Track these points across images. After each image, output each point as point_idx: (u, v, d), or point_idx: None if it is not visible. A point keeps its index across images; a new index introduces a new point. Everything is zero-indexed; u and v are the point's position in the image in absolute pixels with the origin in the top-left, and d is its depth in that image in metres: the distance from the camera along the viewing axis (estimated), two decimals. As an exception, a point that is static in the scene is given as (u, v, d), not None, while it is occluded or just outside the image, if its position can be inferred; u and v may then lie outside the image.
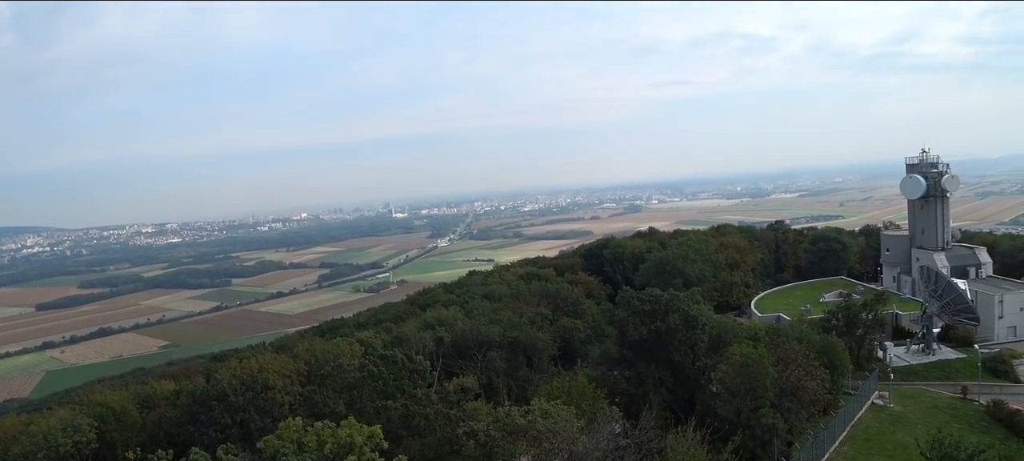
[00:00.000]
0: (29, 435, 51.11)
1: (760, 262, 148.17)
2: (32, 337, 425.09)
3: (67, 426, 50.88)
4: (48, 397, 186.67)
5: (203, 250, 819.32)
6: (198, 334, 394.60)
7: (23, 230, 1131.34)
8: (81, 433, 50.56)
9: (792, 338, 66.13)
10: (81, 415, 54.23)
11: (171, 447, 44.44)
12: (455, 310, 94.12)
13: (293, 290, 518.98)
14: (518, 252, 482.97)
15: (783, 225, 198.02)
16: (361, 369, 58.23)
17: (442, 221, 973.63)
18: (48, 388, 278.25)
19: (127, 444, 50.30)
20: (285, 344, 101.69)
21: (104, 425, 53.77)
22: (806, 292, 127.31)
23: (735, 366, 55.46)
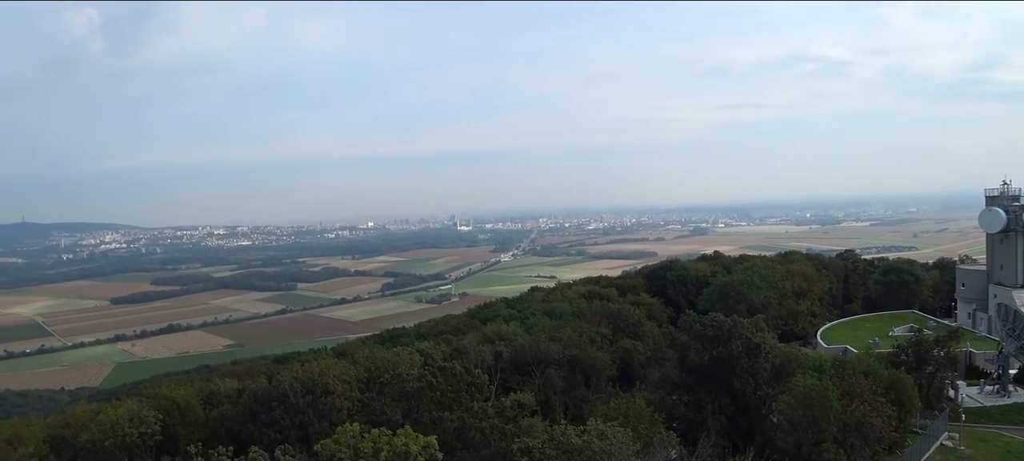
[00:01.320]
0: (98, 423, 52.72)
1: (828, 292, 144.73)
2: (105, 329, 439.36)
3: (134, 417, 52.31)
4: (117, 388, 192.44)
5: (271, 254, 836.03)
6: (263, 335, 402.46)
7: (102, 226, 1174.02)
8: (147, 425, 51.94)
9: (858, 372, 64.31)
10: (147, 407, 55.65)
11: (231, 444, 45.37)
12: (515, 325, 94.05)
13: (357, 297, 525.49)
14: (581, 270, 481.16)
15: (853, 254, 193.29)
16: (420, 379, 58.56)
17: (506, 236, 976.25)
18: (118, 379, 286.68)
19: (189, 438, 51.42)
20: (346, 350, 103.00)
21: (169, 418, 55.14)
22: (875, 325, 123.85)
23: (798, 397, 54.19)
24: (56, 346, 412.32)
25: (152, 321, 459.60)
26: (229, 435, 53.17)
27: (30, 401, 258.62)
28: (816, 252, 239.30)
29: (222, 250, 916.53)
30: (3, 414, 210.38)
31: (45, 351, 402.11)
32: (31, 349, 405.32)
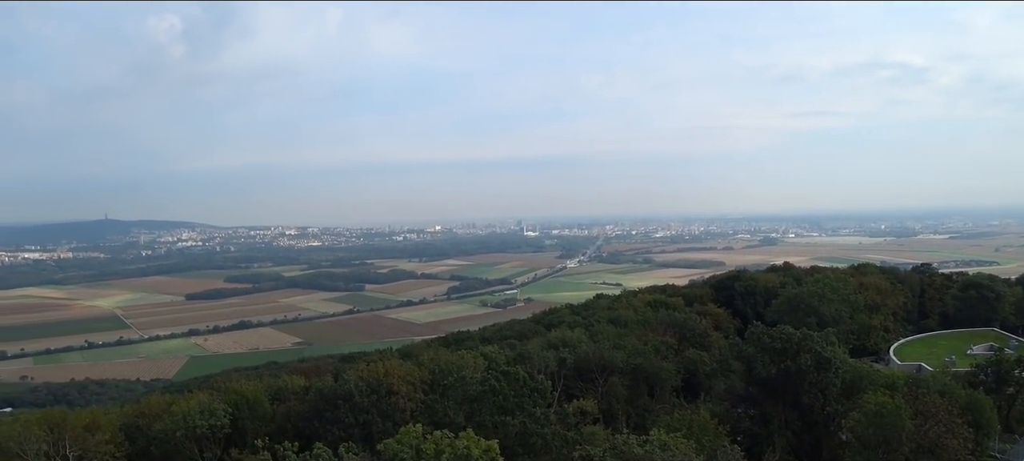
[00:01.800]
0: (171, 414, 54.29)
1: (902, 306, 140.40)
2: (180, 324, 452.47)
3: (205, 409, 53.69)
4: (190, 381, 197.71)
5: (341, 255, 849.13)
6: (330, 334, 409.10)
7: (180, 225, 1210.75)
8: (216, 417, 53.26)
9: (933, 390, 62.16)
10: (218, 400, 57.02)
11: (297, 440, 46.28)
12: (580, 332, 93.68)
13: (423, 300, 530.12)
14: (647, 278, 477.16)
15: (930, 268, 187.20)
16: (483, 383, 58.76)
17: (572, 242, 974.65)
18: (190, 372, 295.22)
19: (257, 432, 52.56)
20: (411, 351, 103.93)
21: (238, 412, 56.41)
22: (952, 342, 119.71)
23: (869, 415, 52.73)
24: (133, 338, 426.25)
25: (224, 317, 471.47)
26: (295, 431, 54.14)
27: (108, 390, 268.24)
28: (890, 265, 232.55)
29: (293, 250, 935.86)
30: (82, 401, 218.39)
31: (123, 343, 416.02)
32: (111, 340, 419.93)
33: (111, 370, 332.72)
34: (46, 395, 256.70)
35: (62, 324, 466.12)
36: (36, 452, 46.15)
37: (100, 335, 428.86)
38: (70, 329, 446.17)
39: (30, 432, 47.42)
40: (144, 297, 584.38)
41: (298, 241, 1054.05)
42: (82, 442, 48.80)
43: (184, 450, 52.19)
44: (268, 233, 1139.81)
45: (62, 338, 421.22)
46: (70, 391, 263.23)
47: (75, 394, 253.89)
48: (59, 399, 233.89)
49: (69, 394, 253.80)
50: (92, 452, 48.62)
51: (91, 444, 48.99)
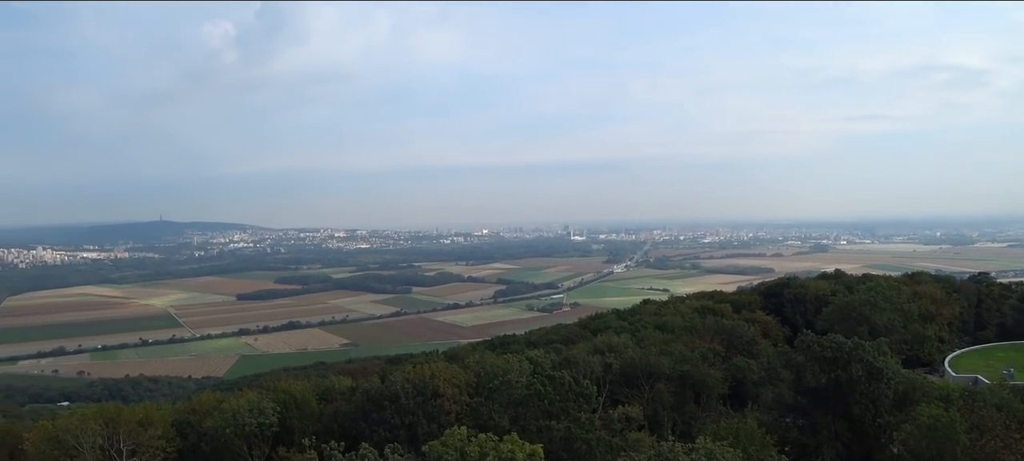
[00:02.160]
0: (221, 411, 55.21)
1: (958, 316, 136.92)
2: (231, 323, 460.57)
3: (254, 408, 54.49)
4: (239, 379, 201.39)
5: (388, 257, 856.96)
6: (377, 336, 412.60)
7: (231, 226, 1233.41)
8: (265, 416, 54.03)
9: (990, 404, 60.35)
10: (266, 399, 57.84)
11: (343, 439, 46.66)
12: (626, 337, 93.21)
13: (469, 303, 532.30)
14: (694, 284, 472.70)
15: (987, 277, 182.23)
16: (528, 387, 58.72)
17: (619, 247, 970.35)
18: (240, 371, 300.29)
19: (304, 431, 53.16)
20: (457, 354, 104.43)
21: (286, 411, 57.14)
22: (1010, 354, 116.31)
23: (922, 428, 51.38)
24: (186, 337, 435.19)
25: (274, 317, 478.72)
26: (341, 431, 54.61)
27: (161, 386, 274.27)
28: (946, 274, 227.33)
29: (342, 252, 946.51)
30: (136, 397, 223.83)
31: (176, 341, 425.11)
32: (164, 338, 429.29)
33: (164, 367, 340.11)
34: (102, 390, 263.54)
35: (118, 322, 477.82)
36: (91, 445, 47.37)
37: (154, 333, 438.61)
38: (125, 327, 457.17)
39: (86, 426, 48.67)
40: (196, 297, 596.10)
41: (347, 243, 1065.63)
42: (135, 437, 49.94)
43: (233, 447, 53.04)
44: (317, 235, 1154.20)
45: (118, 335, 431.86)
46: (125, 387, 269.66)
47: (129, 390, 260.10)
48: (114, 394, 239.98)
49: (124, 390, 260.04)
50: (145, 447, 49.73)
51: (144, 439, 50.10)
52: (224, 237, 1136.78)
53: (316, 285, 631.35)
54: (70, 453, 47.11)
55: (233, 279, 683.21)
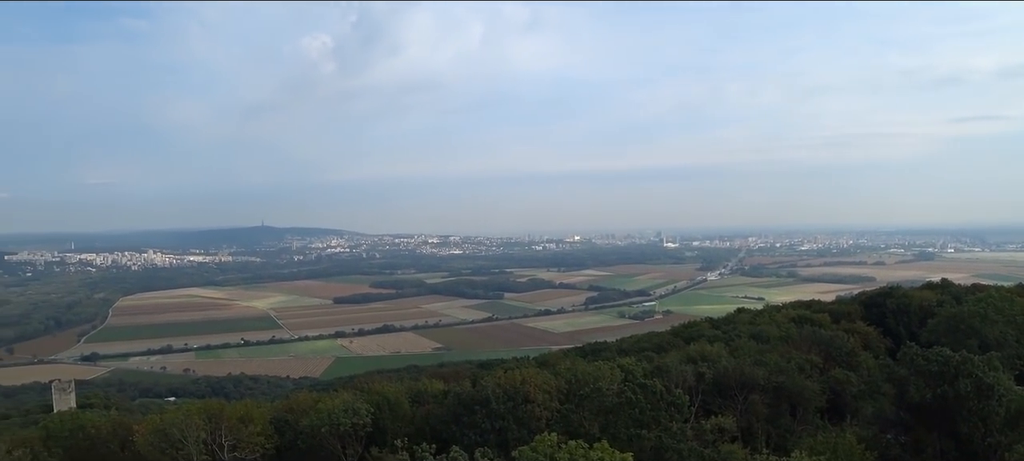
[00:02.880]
0: (317, 411, 56.66)
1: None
2: (328, 326, 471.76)
3: (348, 408, 55.68)
4: (335, 380, 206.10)
5: (481, 263, 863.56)
6: (469, 341, 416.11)
7: (329, 232, 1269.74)
8: (359, 416, 55.15)
9: (1113, 425, 57.05)
10: (361, 400, 59.00)
11: (434, 442, 47.33)
12: (719, 347, 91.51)
13: (561, 309, 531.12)
14: (791, 293, 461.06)
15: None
16: (619, 395, 58.30)
17: (713, 254, 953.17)
18: (336, 372, 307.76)
19: (396, 433, 54.04)
20: (548, 360, 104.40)
21: (379, 412, 58.18)
22: None
23: (1036, 448, 48.96)
24: (284, 338, 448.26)
25: (369, 321, 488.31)
26: (433, 433, 55.27)
27: (260, 385, 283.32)
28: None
29: (435, 258, 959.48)
30: (237, 395, 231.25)
31: (275, 342, 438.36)
32: (264, 339, 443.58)
33: (264, 367, 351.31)
34: (205, 387, 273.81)
35: (222, 323, 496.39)
36: (195, 439, 49.38)
37: (255, 334, 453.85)
38: (229, 327, 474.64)
39: (191, 421, 50.75)
40: (295, 299, 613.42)
41: (440, 249, 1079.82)
42: (236, 432, 51.78)
43: (328, 445, 54.34)
44: (411, 241, 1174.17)
45: (221, 335, 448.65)
46: (226, 385, 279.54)
47: (231, 387, 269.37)
48: (217, 391, 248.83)
49: (225, 387, 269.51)
50: (245, 442, 51.49)
51: (244, 435, 51.89)
52: (322, 242, 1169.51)
53: (410, 290, 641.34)
54: (176, 446, 49.20)
55: (330, 283, 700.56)
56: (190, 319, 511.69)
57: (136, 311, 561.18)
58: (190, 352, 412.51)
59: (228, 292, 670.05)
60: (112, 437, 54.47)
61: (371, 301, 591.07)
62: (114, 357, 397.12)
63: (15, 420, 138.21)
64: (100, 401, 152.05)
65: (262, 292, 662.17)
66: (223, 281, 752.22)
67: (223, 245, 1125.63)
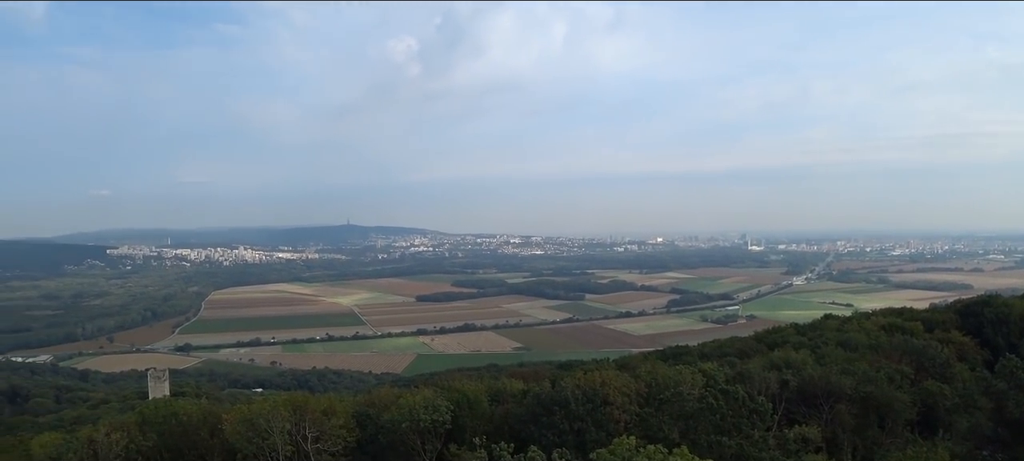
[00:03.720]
0: (398, 406, 57.46)
1: None
2: (410, 323, 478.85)
3: (428, 405, 56.30)
4: (416, 376, 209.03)
5: (562, 264, 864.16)
6: (549, 341, 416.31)
7: (413, 231, 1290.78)
8: (439, 412, 55.72)
9: None
10: (441, 397, 59.53)
11: (512, 441, 47.41)
12: (805, 354, 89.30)
13: (642, 311, 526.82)
14: (881, 299, 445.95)
15: None
16: (700, 400, 57.48)
17: (799, 258, 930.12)
18: (417, 369, 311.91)
19: (475, 430, 54.40)
20: (628, 363, 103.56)
21: (458, 410, 58.63)
22: None
23: None
24: (368, 334, 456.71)
25: (450, 319, 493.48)
26: (511, 433, 55.40)
27: (343, 379, 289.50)
28: None
29: (516, 258, 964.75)
30: (321, 388, 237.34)
31: (359, 338, 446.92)
32: (347, 335, 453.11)
33: (347, 361, 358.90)
34: (291, 380, 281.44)
35: (308, 318, 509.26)
36: (281, 430, 50.74)
37: (339, 329, 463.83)
38: (314, 322, 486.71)
39: (277, 412, 52.16)
40: (379, 297, 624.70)
41: (521, 249, 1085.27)
42: (320, 424, 52.99)
43: (408, 441, 55.04)
44: (493, 241, 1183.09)
45: (307, 330, 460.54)
46: (311, 378, 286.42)
47: (315, 381, 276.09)
48: (302, 384, 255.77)
49: (310, 380, 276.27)
50: (327, 435, 52.64)
51: (327, 427, 53.06)
52: (405, 241, 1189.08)
53: (491, 289, 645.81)
54: (262, 435, 50.65)
55: (413, 281, 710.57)
56: (278, 314, 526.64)
57: (227, 305, 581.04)
58: (277, 345, 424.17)
59: (315, 288, 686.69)
60: (202, 424, 56.35)
61: (453, 300, 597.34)
62: (206, 348, 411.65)
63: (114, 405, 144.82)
64: (192, 390, 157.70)
65: (347, 289, 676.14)
66: (310, 277, 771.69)
67: (310, 243, 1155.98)
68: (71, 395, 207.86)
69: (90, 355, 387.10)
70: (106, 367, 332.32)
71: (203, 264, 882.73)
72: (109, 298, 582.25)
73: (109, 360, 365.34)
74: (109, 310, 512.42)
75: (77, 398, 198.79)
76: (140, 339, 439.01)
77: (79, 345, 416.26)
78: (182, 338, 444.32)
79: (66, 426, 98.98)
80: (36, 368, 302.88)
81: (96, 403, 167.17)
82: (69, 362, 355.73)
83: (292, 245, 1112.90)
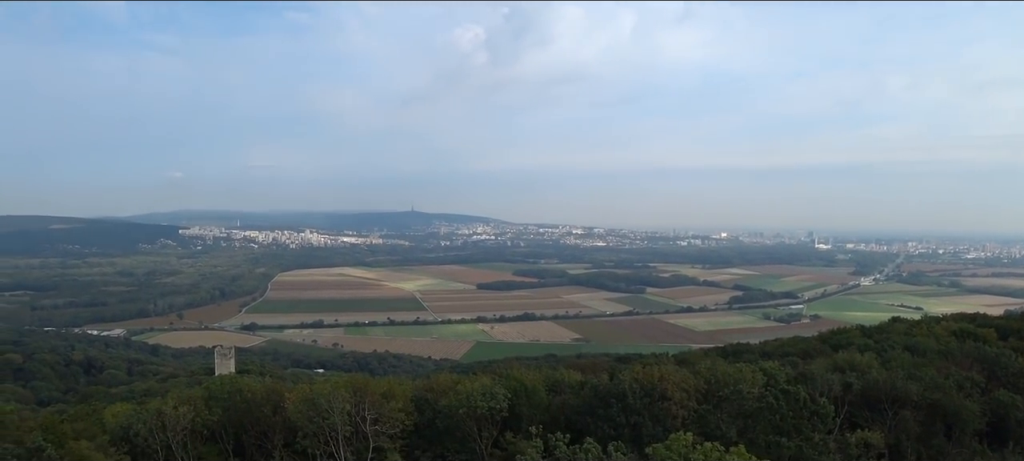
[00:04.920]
0: (456, 392, 58.02)
1: None
2: (470, 311, 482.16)
3: (486, 392, 56.68)
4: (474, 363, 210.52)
5: (624, 256, 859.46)
6: (608, 333, 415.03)
7: (475, 219, 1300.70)
8: (496, 400, 56.07)
9: None
10: (499, 385, 59.85)
11: (568, 432, 47.56)
12: (870, 357, 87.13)
13: (703, 307, 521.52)
14: (953, 304, 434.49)
15: None
16: (760, 399, 56.80)
17: (868, 258, 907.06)
18: (475, 356, 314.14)
19: (532, 420, 54.55)
20: (687, 358, 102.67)
21: (516, 398, 58.90)
22: None
23: None
24: (428, 320, 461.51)
25: (510, 308, 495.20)
26: (567, 423, 55.52)
27: (403, 363, 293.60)
28: None
29: (578, 249, 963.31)
30: (381, 371, 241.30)
31: (419, 323, 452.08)
32: (408, 319, 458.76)
33: (407, 346, 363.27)
34: (352, 362, 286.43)
35: (370, 302, 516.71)
36: (341, 410, 51.73)
37: (400, 314, 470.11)
38: (376, 306, 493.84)
39: (338, 393, 53.15)
40: (440, 283, 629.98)
41: (583, 240, 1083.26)
42: (379, 407, 53.81)
43: (465, 426, 55.56)
44: (555, 231, 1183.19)
45: (369, 314, 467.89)
46: (371, 361, 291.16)
47: (375, 364, 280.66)
48: (362, 366, 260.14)
49: (370, 363, 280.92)
50: (386, 417, 53.41)
51: (386, 410, 53.86)
52: (468, 229, 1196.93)
53: (552, 279, 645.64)
54: (322, 415, 51.73)
55: (474, 269, 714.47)
56: (341, 297, 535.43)
57: (292, 287, 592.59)
58: (339, 328, 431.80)
59: (377, 273, 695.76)
60: (266, 402, 57.67)
61: (513, 288, 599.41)
62: (270, 328, 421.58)
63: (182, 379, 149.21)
64: (256, 368, 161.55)
65: (409, 274, 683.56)
66: (373, 262, 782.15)
67: (374, 228, 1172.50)
68: (142, 368, 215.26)
69: (161, 331, 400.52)
70: (175, 342, 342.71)
71: (270, 246, 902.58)
72: (180, 276, 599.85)
73: (178, 336, 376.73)
74: (180, 288, 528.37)
75: (147, 371, 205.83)
76: (208, 317, 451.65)
77: (151, 321, 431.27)
78: (248, 317, 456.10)
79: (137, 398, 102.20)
80: (110, 341, 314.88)
81: (165, 377, 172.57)
82: (141, 337, 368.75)
83: (357, 230, 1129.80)
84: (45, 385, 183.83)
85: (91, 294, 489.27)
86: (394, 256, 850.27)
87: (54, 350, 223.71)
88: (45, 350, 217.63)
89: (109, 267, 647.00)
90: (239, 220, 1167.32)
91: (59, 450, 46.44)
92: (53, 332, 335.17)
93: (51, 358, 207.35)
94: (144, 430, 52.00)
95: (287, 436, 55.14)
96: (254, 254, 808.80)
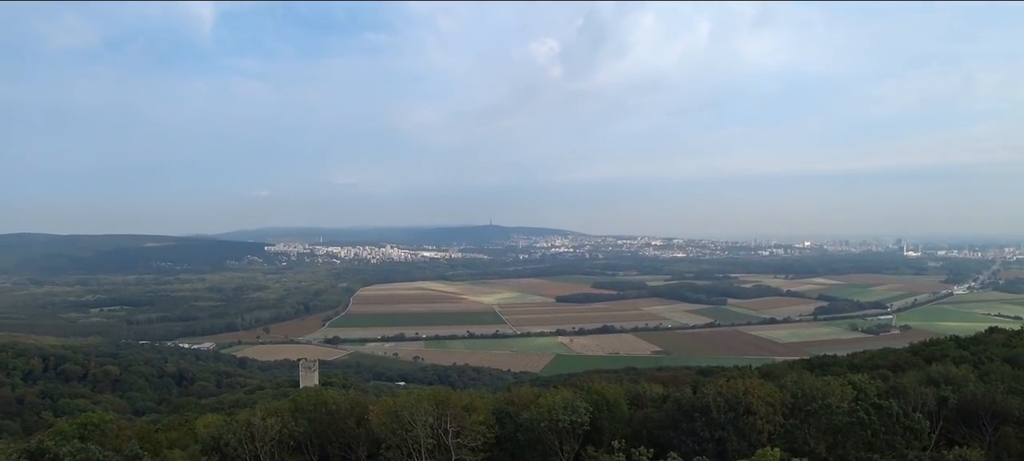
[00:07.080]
0: (537, 406, 58.05)
1: None
2: (549, 323, 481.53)
3: (567, 405, 56.53)
4: (554, 376, 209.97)
5: (704, 267, 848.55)
6: (689, 346, 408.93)
7: (553, 232, 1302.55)
8: (577, 414, 55.86)
9: None
10: (580, 398, 59.63)
11: (651, 446, 47.02)
12: (966, 369, 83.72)
13: (787, 318, 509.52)
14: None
15: None
16: (850, 414, 55.15)
17: (961, 265, 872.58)
18: (555, 369, 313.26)
19: (614, 434, 54.25)
20: (771, 371, 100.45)
21: (597, 412, 58.57)
22: None
23: None
24: (508, 333, 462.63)
25: (589, 320, 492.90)
26: (650, 437, 54.91)
27: (483, 376, 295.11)
28: None
29: (657, 260, 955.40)
30: (461, 384, 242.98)
31: (498, 336, 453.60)
32: (488, 333, 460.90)
33: (486, 359, 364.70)
34: (432, 375, 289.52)
35: (450, 315, 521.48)
36: (424, 423, 52.30)
37: (480, 327, 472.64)
38: (456, 320, 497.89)
39: (421, 405, 53.80)
40: (519, 297, 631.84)
41: (663, 251, 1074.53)
42: (461, 420, 54.25)
43: (546, 440, 55.48)
44: (634, 243, 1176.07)
45: (449, 327, 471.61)
46: (451, 374, 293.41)
47: (455, 377, 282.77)
48: (442, 379, 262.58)
49: (450, 376, 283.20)
50: (468, 430, 53.79)
51: (468, 423, 54.25)
52: (546, 242, 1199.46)
53: (631, 291, 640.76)
54: (405, 427, 52.38)
55: (553, 282, 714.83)
56: (421, 310, 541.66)
57: (373, 301, 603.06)
58: (420, 341, 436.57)
59: (457, 287, 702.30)
60: (350, 414, 58.73)
61: (592, 301, 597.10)
62: (353, 341, 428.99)
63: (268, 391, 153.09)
64: (339, 380, 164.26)
65: (489, 288, 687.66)
66: (453, 276, 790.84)
67: (453, 242, 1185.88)
68: (230, 380, 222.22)
69: (248, 344, 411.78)
70: (262, 355, 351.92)
71: (352, 261, 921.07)
72: (266, 292, 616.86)
73: (264, 349, 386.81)
74: (265, 303, 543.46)
75: (235, 383, 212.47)
76: (293, 331, 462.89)
77: (238, 334, 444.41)
78: (331, 331, 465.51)
79: (226, 409, 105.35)
80: (200, 354, 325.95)
81: (252, 389, 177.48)
82: (229, 350, 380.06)
83: (436, 244, 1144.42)
84: (140, 395, 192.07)
85: (182, 309, 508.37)
86: (473, 270, 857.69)
87: (149, 362, 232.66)
88: (140, 362, 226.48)
89: (199, 283, 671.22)
90: (322, 236, 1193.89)
91: (155, 458, 48.22)
92: (148, 345, 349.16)
93: (146, 370, 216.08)
94: (234, 440, 53.56)
95: (371, 448, 56.00)
96: (336, 269, 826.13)
